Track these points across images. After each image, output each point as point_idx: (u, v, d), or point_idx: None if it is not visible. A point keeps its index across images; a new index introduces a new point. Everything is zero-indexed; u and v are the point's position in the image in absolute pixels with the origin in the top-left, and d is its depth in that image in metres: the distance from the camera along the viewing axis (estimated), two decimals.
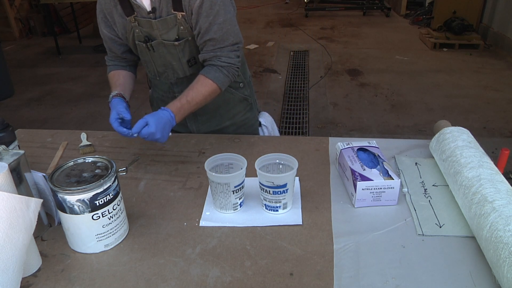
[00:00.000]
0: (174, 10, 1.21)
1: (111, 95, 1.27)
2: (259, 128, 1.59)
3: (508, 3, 5.12)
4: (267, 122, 1.60)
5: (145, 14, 1.23)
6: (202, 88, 1.24)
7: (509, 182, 0.92)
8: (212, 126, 1.49)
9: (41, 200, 0.80)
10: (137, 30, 1.27)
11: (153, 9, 1.22)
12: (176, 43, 1.26)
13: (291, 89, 4.25)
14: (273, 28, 6.56)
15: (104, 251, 0.91)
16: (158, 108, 1.46)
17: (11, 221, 0.73)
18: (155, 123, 1.13)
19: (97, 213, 0.86)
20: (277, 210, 1.01)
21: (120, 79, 1.37)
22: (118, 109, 1.20)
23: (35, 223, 0.79)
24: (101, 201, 0.86)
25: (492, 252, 0.79)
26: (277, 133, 1.66)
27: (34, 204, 0.78)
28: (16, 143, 1.13)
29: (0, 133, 1.08)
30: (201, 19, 1.19)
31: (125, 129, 1.16)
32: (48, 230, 0.98)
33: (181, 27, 1.23)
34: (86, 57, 5.56)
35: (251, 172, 1.03)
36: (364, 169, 1.03)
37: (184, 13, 1.21)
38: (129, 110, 1.23)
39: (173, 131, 1.52)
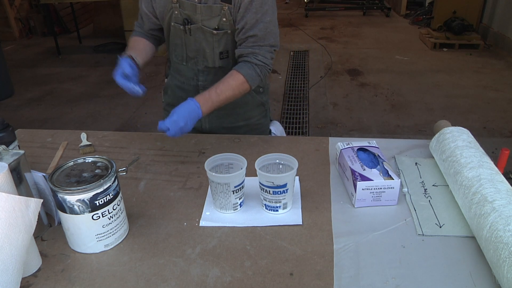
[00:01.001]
0: (222, 1, 1.21)
1: (120, 56, 1.26)
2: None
3: (508, 3, 5.12)
4: (277, 131, 1.61)
5: None
6: (232, 81, 1.23)
7: (509, 182, 0.92)
8: (225, 122, 1.49)
9: (41, 200, 0.80)
10: (176, 12, 1.27)
11: None
12: (215, 32, 1.27)
13: (291, 89, 4.25)
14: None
15: (104, 251, 0.91)
16: (173, 95, 1.46)
17: (10, 221, 0.73)
18: (177, 111, 1.13)
19: (97, 213, 0.86)
20: (277, 210, 1.01)
21: (139, 45, 1.36)
22: (122, 65, 1.19)
23: (35, 223, 0.78)
24: (101, 201, 0.86)
25: (492, 252, 0.79)
26: None
27: (34, 204, 0.78)
28: (16, 143, 1.13)
29: (0, 133, 1.08)
30: (249, 14, 1.21)
31: (128, 83, 1.15)
32: (48, 230, 0.98)
33: (224, 19, 1.24)
34: (86, 57, 5.56)
35: (251, 172, 1.03)
36: (364, 169, 1.03)
37: (231, 5, 1.21)
38: (137, 71, 1.22)
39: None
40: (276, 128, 1.61)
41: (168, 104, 1.53)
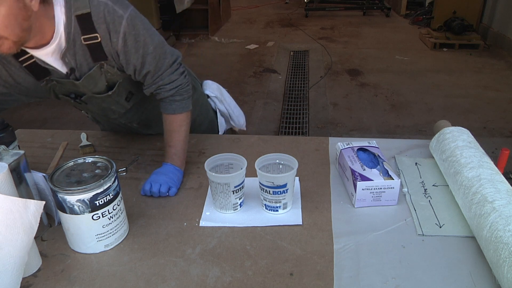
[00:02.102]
0: (95, 61, 1.05)
1: None
2: (209, 100, 1.53)
3: (508, 3, 5.12)
4: (214, 91, 1.51)
5: (62, 76, 1.08)
6: (172, 126, 1.17)
7: (509, 182, 0.92)
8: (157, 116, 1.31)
9: (43, 203, 0.80)
10: (57, 88, 1.12)
11: (72, 70, 1.06)
12: (109, 93, 1.14)
13: (291, 89, 4.25)
14: (273, 28, 6.56)
15: (104, 251, 0.91)
16: (106, 125, 1.43)
17: (7, 222, 0.73)
18: (158, 179, 1.10)
19: (97, 213, 0.86)
20: (277, 210, 1.01)
21: None
22: None
23: (36, 225, 0.78)
24: (101, 201, 0.86)
25: (492, 252, 0.79)
26: (228, 99, 1.58)
27: (34, 206, 0.77)
28: (16, 143, 1.13)
29: (0, 133, 1.08)
30: (131, 56, 1.06)
31: None
32: (48, 230, 0.98)
33: (109, 74, 1.09)
34: None
35: (251, 172, 1.03)
36: (364, 169, 1.03)
37: (108, 59, 1.06)
38: None
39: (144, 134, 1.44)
40: (211, 88, 1.52)
41: (105, 129, 1.50)
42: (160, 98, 1.17)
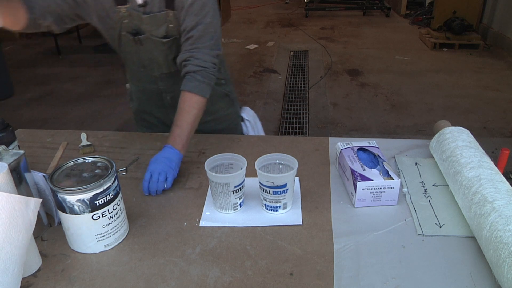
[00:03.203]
0: (166, 7, 1.19)
1: None
2: (242, 123, 1.59)
3: (508, 3, 5.12)
4: (249, 117, 1.60)
5: (135, 7, 1.20)
6: (184, 105, 1.20)
7: (509, 182, 0.92)
8: None
9: (40, 200, 0.80)
10: (126, 21, 1.24)
11: (145, 3, 1.19)
12: (164, 40, 1.25)
13: (291, 89, 4.25)
14: (273, 28, 6.56)
15: (104, 251, 0.91)
16: (138, 100, 1.44)
17: (10, 221, 0.73)
18: (153, 165, 1.11)
19: (97, 213, 0.86)
20: (277, 210, 1.01)
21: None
22: None
23: (35, 223, 0.78)
24: (101, 201, 0.86)
25: (492, 252, 0.79)
26: (259, 127, 1.66)
27: (33, 204, 0.78)
28: (16, 143, 1.13)
29: (0, 133, 1.08)
30: (189, 17, 1.19)
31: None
32: (48, 230, 0.98)
33: (171, 25, 1.22)
34: (86, 57, 5.57)
35: (251, 172, 1.03)
36: (364, 169, 1.03)
37: (175, 11, 1.19)
38: None
39: (151, 123, 1.51)
40: (248, 114, 1.61)
41: (137, 110, 1.54)
42: (185, 72, 1.23)
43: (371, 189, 1.00)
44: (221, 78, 1.46)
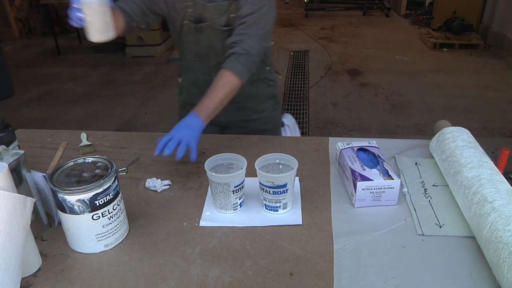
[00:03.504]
0: None
1: None
2: (282, 128, 1.64)
3: (508, 3, 5.12)
4: (290, 123, 1.66)
5: None
6: (220, 81, 1.24)
7: (509, 182, 0.92)
8: (239, 116, 1.52)
9: (34, 200, 0.81)
10: (190, 10, 1.30)
11: None
12: (224, 28, 1.31)
13: (291, 89, 4.25)
14: (273, 28, 6.56)
15: (104, 251, 0.91)
16: (187, 93, 1.50)
17: (10, 220, 0.73)
18: (175, 128, 1.13)
19: (97, 213, 0.86)
20: (277, 210, 1.01)
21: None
22: None
23: (29, 222, 0.79)
24: (101, 201, 0.86)
25: (492, 252, 0.79)
26: (298, 134, 1.72)
27: (29, 203, 0.78)
28: (16, 143, 1.13)
29: (0, 133, 1.08)
30: (247, 6, 1.25)
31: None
32: (48, 230, 0.98)
33: (232, 15, 1.29)
34: (86, 57, 5.57)
35: (251, 172, 1.03)
36: (364, 169, 1.03)
37: (237, 1, 1.26)
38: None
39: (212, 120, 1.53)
40: (289, 120, 1.66)
41: (185, 103, 1.56)
42: (230, 53, 1.27)
43: (371, 189, 1.00)
44: (270, 80, 1.53)
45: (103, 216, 0.87)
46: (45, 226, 0.99)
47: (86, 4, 1.05)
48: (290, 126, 1.65)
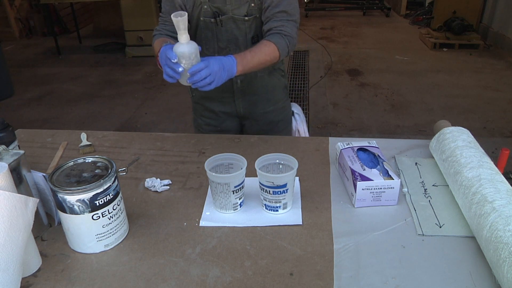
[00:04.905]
0: None
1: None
2: (293, 117, 1.67)
3: (508, 3, 5.13)
4: (298, 111, 1.69)
5: None
6: (265, 47, 1.27)
7: (509, 182, 0.92)
8: (258, 108, 1.54)
9: (37, 200, 0.81)
10: (205, 7, 1.32)
11: None
12: (246, 18, 1.33)
13: (291, 89, 4.25)
14: None
15: (104, 251, 0.91)
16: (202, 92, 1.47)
17: (11, 220, 0.73)
18: (213, 58, 1.13)
19: (97, 213, 0.86)
20: (277, 210, 1.01)
21: (168, 41, 1.34)
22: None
23: (32, 222, 0.79)
24: (101, 201, 0.86)
25: (492, 252, 0.79)
26: (304, 121, 1.75)
27: (32, 204, 0.78)
28: (16, 143, 1.13)
29: (0, 133, 1.08)
30: None
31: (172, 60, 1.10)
32: (48, 230, 0.98)
33: (252, 4, 1.32)
34: (86, 57, 5.57)
35: (251, 172, 1.03)
36: (364, 169, 1.03)
37: None
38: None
39: (214, 112, 1.55)
40: (297, 108, 1.69)
41: (202, 98, 1.57)
42: (273, 32, 1.30)
43: (371, 189, 1.00)
44: (282, 70, 1.56)
45: (103, 216, 0.87)
46: (45, 226, 0.99)
47: (187, 54, 1.08)
48: (299, 114, 1.68)
